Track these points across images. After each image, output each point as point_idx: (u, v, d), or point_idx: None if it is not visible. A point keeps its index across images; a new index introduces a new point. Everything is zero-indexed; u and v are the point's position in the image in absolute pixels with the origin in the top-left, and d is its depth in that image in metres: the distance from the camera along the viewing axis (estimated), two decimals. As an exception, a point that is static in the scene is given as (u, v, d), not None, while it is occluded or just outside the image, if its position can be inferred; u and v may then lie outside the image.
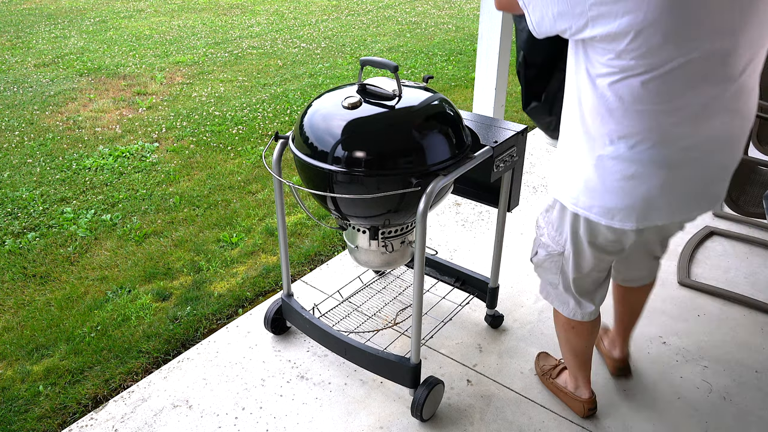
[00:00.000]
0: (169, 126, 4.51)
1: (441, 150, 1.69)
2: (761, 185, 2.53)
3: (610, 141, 1.34)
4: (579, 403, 1.94)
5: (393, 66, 1.70)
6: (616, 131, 1.33)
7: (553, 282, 1.72)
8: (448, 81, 5.67)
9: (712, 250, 2.85)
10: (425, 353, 2.23)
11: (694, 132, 1.32)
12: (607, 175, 1.37)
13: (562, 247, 1.61)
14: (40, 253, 2.92)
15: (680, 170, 1.36)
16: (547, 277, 1.73)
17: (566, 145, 1.47)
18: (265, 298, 2.60)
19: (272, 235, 3.06)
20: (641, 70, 1.24)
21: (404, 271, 2.64)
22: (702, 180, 1.40)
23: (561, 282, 1.69)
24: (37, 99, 5.07)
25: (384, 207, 1.75)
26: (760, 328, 2.36)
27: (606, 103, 1.31)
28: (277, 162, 1.93)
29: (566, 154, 1.47)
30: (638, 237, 1.53)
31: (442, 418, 1.97)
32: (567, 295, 1.72)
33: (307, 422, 1.96)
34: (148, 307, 2.53)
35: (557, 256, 1.64)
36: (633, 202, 1.39)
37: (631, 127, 1.31)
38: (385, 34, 7.45)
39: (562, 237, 1.60)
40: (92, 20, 8.13)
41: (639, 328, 2.35)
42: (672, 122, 1.30)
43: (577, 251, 1.59)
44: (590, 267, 1.63)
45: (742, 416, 1.98)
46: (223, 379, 2.13)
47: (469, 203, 3.26)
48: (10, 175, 3.71)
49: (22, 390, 2.12)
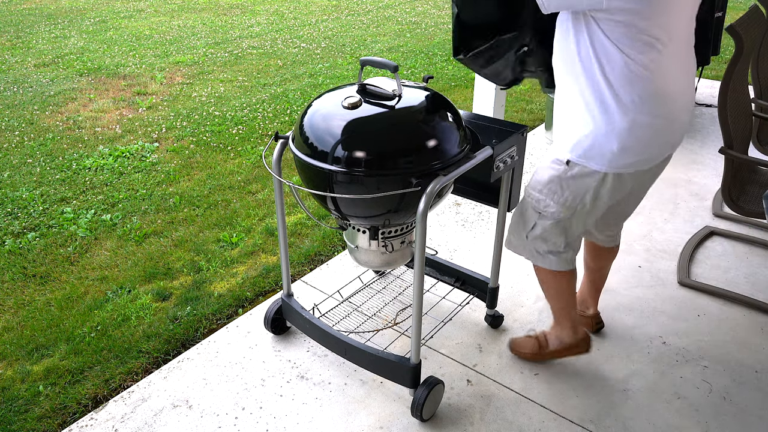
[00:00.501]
0: (169, 126, 4.51)
1: (441, 150, 1.69)
2: (761, 185, 2.53)
3: (642, 102, 1.57)
4: (583, 336, 2.08)
5: (393, 66, 1.70)
6: (646, 92, 1.56)
7: (557, 245, 1.86)
8: (448, 81, 5.67)
9: (712, 250, 2.85)
10: (425, 353, 2.23)
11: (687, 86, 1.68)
12: (641, 133, 1.61)
13: (574, 209, 1.76)
14: (40, 253, 2.92)
15: (680, 116, 1.69)
16: (545, 246, 1.87)
17: (591, 115, 1.62)
18: (265, 298, 2.60)
19: (272, 235, 3.06)
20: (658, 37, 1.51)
21: (404, 271, 2.64)
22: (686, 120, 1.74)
23: (563, 242, 1.86)
24: (37, 99, 5.07)
25: (384, 207, 1.75)
26: (760, 328, 2.36)
27: (635, 69, 1.53)
28: (277, 162, 1.93)
29: (593, 123, 1.62)
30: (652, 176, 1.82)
31: (442, 418, 1.97)
32: (567, 252, 1.89)
33: (307, 422, 1.96)
34: (148, 307, 2.53)
35: (566, 220, 1.80)
36: (660, 149, 1.69)
37: (657, 88, 1.57)
38: (385, 34, 7.45)
39: (577, 199, 1.74)
40: (92, 20, 8.13)
41: (639, 328, 2.35)
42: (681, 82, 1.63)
43: (594, 207, 1.76)
44: (596, 218, 1.84)
45: (742, 416, 1.98)
46: (223, 379, 2.13)
47: (469, 203, 3.26)
48: (10, 175, 3.71)
49: (22, 390, 2.12)
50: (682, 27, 1.60)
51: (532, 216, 1.85)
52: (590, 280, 2.25)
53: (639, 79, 1.55)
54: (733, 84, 2.25)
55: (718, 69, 5.74)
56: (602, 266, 2.18)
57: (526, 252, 1.93)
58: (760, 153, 2.92)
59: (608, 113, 1.59)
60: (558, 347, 2.11)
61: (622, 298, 2.52)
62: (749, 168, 2.58)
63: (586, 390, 2.07)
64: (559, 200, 1.76)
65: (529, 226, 1.87)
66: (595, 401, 2.03)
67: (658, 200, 3.31)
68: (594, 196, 1.73)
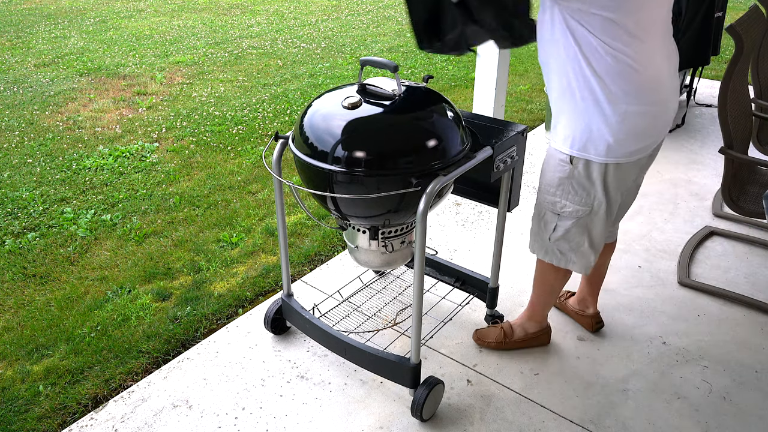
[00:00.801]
0: (169, 126, 4.51)
1: (441, 150, 1.69)
2: (761, 185, 2.53)
3: (634, 94, 1.60)
4: (546, 327, 2.22)
5: (393, 66, 1.70)
6: (637, 83, 1.59)
7: (579, 244, 1.86)
8: (448, 81, 5.67)
9: (712, 250, 2.85)
10: (425, 353, 2.23)
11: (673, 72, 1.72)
12: (636, 123, 1.64)
13: (591, 205, 1.78)
14: (40, 253, 2.92)
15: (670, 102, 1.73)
16: (569, 246, 1.88)
17: (586, 110, 1.64)
18: (265, 298, 2.60)
19: (272, 235, 3.06)
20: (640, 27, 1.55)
21: (404, 271, 2.64)
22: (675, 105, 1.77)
23: (587, 240, 1.86)
24: (37, 99, 5.07)
25: (384, 207, 1.75)
26: (760, 328, 2.36)
27: (623, 61, 1.56)
28: (277, 162, 1.93)
29: (588, 117, 1.65)
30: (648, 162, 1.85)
31: (442, 418, 1.97)
32: (591, 250, 1.88)
33: (307, 422, 1.96)
34: (148, 307, 2.53)
35: (585, 217, 1.81)
36: (655, 136, 1.72)
37: (647, 78, 1.60)
38: (385, 34, 7.45)
39: (590, 195, 1.76)
40: (92, 20, 8.13)
41: (639, 328, 2.35)
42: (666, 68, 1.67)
43: (609, 199, 1.77)
44: (614, 213, 1.84)
45: (742, 416, 1.98)
46: (223, 379, 2.13)
47: (469, 203, 3.26)
48: (10, 175, 3.71)
49: (22, 390, 2.12)
50: (662, 14, 1.63)
51: (552, 218, 1.86)
52: (589, 279, 2.26)
53: (629, 71, 1.58)
54: (733, 84, 2.25)
55: (718, 69, 5.74)
56: (601, 264, 2.19)
57: (550, 255, 1.93)
58: (760, 153, 2.92)
59: (601, 107, 1.62)
60: (522, 336, 2.21)
61: (622, 298, 2.53)
62: (749, 168, 2.58)
63: (586, 390, 2.07)
64: (574, 199, 1.79)
65: (550, 228, 1.88)
66: (595, 401, 2.03)
67: (658, 200, 3.31)
68: (604, 189, 1.75)
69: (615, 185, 1.75)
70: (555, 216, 1.85)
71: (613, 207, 1.82)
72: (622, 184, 1.77)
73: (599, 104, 1.62)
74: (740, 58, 2.23)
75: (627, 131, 1.65)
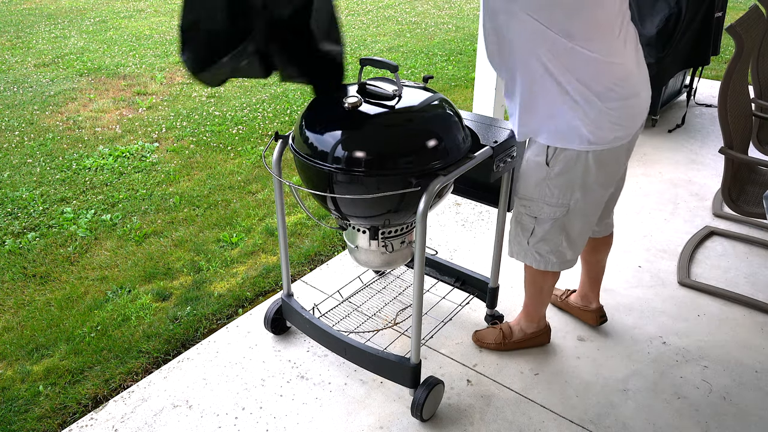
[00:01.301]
0: (169, 126, 4.51)
1: (441, 150, 1.69)
2: (761, 185, 2.53)
3: (613, 87, 1.61)
4: (545, 327, 2.23)
5: (393, 66, 1.70)
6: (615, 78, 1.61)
7: (557, 244, 1.87)
8: (448, 81, 5.67)
9: (712, 250, 2.85)
10: (425, 353, 2.23)
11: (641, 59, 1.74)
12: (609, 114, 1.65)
13: (567, 205, 1.78)
14: (40, 253, 2.92)
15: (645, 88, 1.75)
16: (548, 247, 1.88)
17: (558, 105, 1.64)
18: (265, 298, 2.60)
19: (272, 235, 3.06)
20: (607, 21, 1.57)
21: (404, 271, 2.64)
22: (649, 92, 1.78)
23: (564, 240, 1.86)
24: (37, 99, 5.07)
25: (384, 207, 1.75)
26: (760, 328, 2.36)
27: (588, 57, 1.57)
28: (277, 162, 1.93)
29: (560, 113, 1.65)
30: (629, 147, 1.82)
31: (442, 418, 1.97)
32: (569, 252, 1.89)
33: (307, 422, 1.96)
34: (148, 307, 2.53)
35: (562, 218, 1.81)
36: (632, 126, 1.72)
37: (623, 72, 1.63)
38: (385, 34, 7.45)
39: (567, 194, 1.76)
40: (92, 20, 8.13)
41: (639, 328, 2.35)
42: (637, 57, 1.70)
43: (588, 198, 1.78)
44: (597, 206, 1.84)
45: (742, 416, 1.98)
46: (223, 379, 2.13)
47: (469, 203, 3.26)
48: (10, 175, 3.71)
49: (22, 390, 2.12)
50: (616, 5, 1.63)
51: (529, 222, 1.87)
52: (589, 274, 2.27)
53: (597, 64, 1.59)
54: (733, 84, 2.26)
55: (718, 69, 5.74)
56: (600, 258, 2.20)
57: (529, 258, 1.94)
58: (760, 153, 2.92)
59: (574, 99, 1.62)
60: (521, 337, 2.22)
61: (622, 298, 2.53)
62: (749, 168, 2.58)
63: (586, 390, 2.07)
64: (551, 201, 1.79)
65: (528, 232, 1.89)
66: (595, 401, 2.03)
67: (658, 200, 3.31)
68: (583, 187, 1.75)
69: (595, 175, 1.74)
70: (532, 219, 1.86)
71: (596, 207, 1.83)
72: (601, 174, 1.75)
73: (571, 98, 1.62)
74: (740, 58, 2.23)
75: (602, 122, 1.65)
